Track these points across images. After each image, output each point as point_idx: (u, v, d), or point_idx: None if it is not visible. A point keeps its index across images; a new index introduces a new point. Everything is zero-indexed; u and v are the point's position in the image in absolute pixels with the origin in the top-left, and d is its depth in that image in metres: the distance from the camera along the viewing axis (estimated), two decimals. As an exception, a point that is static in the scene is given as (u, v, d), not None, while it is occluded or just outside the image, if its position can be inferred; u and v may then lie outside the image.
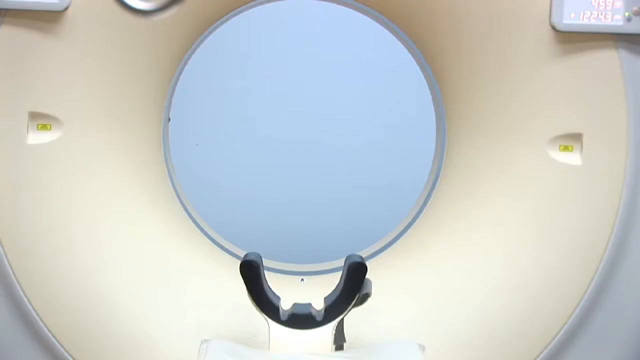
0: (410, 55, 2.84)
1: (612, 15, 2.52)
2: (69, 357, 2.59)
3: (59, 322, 2.58)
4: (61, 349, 2.59)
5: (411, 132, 3.85)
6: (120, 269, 2.63)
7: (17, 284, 2.57)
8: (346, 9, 2.82)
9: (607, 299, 2.59)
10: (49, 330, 2.58)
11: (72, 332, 2.58)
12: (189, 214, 2.84)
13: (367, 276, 2.50)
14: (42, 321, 2.57)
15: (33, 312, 2.57)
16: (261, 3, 2.77)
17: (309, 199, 4.20)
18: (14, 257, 2.56)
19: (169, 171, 2.81)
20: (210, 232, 2.87)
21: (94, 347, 2.59)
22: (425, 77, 2.83)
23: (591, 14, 2.52)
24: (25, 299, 2.57)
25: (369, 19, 2.82)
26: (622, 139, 2.56)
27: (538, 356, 2.60)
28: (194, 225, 2.83)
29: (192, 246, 2.76)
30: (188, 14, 2.60)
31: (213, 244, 2.83)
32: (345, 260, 2.53)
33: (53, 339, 2.58)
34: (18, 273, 2.57)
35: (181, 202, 2.83)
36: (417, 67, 2.85)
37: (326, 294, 2.52)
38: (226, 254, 2.81)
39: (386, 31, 2.83)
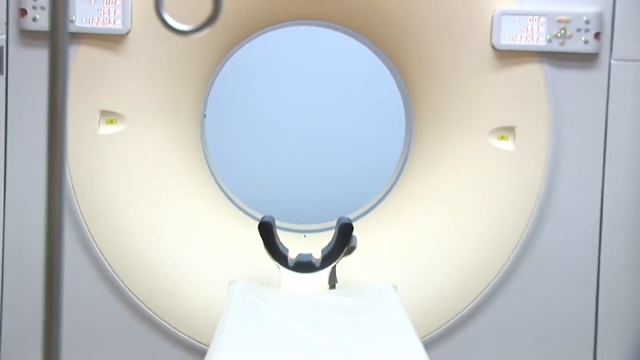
0: (385, 68, 2.84)
1: (537, 37, 2.52)
2: (131, 294, 2.60)
3: (123, 265, 2.60)
4: (122, 284, 2.60)
5: (386, 124, 3.86)
6: (167, 227, 2.64)
7: (90, 238, 2.59)
8: (333, 31, 2.82)
9: (533, 249, 2.60)
10: (114, 272, 2.60)
11: (133, 275, 2.61)
12: (220, 186, 2.83)
13: (353, 233, 2.51)
14: (110, 266, 2.59)
15: (103, 259, 2.59)
16: (270, 30, 2.76)
17: (311, 174, 4.17)
18: (89, 217, 2.59)
19: (205, 155, 2.79)
20: (235, 200, 2.86)
21: (149, 286, 2.61)
22: (396, 83, 2.84)
23: (521, 37, 2.53)
24: (97, 250, 2.59)
25: (350, 39, 2.84)
26: (544, 131, 2.56)
27: (484, 290, 2.61)
28: (223, 195, 2.82)
29: (221, 210, 2.76)
30: (217, 35, 2.60)
31: (237, 209, 2.83)
32: (337, 221, 2.55)
33: (117, 277, 2.60)
34: (92, 228, 2.59)
35: (214, 177, 2.82)
36: (391, 77, 2.85)
37: (323, 247, 2.53)
38: (247, 216, 2.80)
39: (367, 49, 2.83)
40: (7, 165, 2.59)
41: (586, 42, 2.54)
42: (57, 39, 1.15)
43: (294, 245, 2.60)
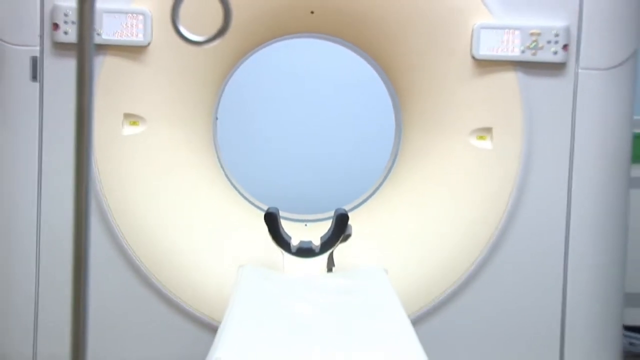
0: (378, 76, 2.83)
1: (512, 48, 2.53)
2: (152, 277, 2.61)
3: (144, 251, 2.61)
4: (143, 268, 2.60)
5: (378, 127, 3.84)
6: (183, 217, 2.64)
7: (115, 226, 2.59)
8: (332, 43, 2.82)
9: (509, 236, 2.60)
10: (137, 257, 2.61)
11: (153, 260, 2.61)
12: (230, 181, 2.82)
13: (349, 223, 2.52)
14: (133, 251, 2.60)
15: (126, 246, 2.60)
16: (274, 42, 2.77)
17: (311, 170, 4.20)
18: (114, 208, 2.59)
19: (216, 153, 2.79)
20: (243, 193, 2.85)
21: (168, 269, 2.61)
22: (387, 89, 2.83)
23: (498, 48, 2.53)
24: (121, 237, 2.60)
25: (348, 50, 2.83)
26: (518, 132, 2.57)
27: (466, 272, 2.62)
28: (232, 189, 2.81)
29: (231, 202, 2.76)
30: (227, 45, 2.60)
31: (246, 201, 2.82)
32: (334, 212, 2.56)
33: (138, 262, 2.61)
34: (116, 218, 2.59)
35: (224, 173, 2.81)
36: (383, 84, 2.85)
37: (322, 235, 2.54)
38: (255, 208, 2.80)
39: (363, 60, 2.83)
40: (42, 162, 2.60)
41: (555, 52, 2.54)
42: (84, 50, 1.15)
43: (296, 233, 2.60)
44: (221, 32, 1.18)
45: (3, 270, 2.63)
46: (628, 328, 3.32)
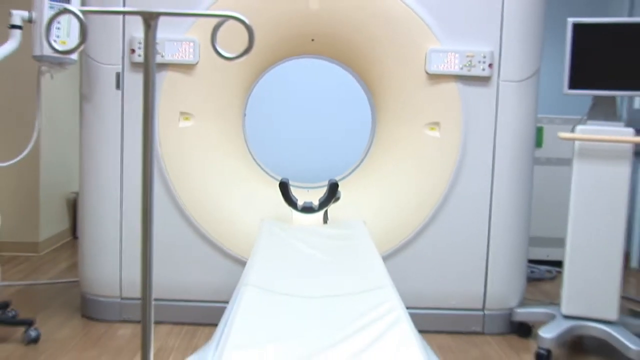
0: (359, 85, 2.81)
1: (454, 66, 2.52)
2: (200, 226, 2.59)
3: (195, 208, 2.59)
4: (193, 220, 2.59)
5: (358, 121, 3.82)
6: (221, 185, 2.62)
7: (174, 191, 2.57)
8: (327, 62, 2.78)
9: (451, 198, 2.59)
10: (189, 212, 2.59)
11: (201, 214, 2.59)
12: (254, 160, 2.80)
13: (339, 189, 2.53)
14: (187, 208, 2.58)
15: (182, 204, 2.58)
16: (286, 61, 2.74)
17: (312, 152, 4.22)
18: (174, 178, 2.57)
19: (245, 140, 2.77)
20: (264, 167, 2.83)
21: (211, 221, 2.59)
22: (366, 94, 2.79)
23: (444, 66, 2.52)
24: (178, 198, 2.58)
25: (339, 67, 2.80)
26: (458, 125, 2.56)
27: (421, 223, 2.60)
28: (256, 165, 2.79)
29: (255, 174, 2.74)
30: (251, 61, 2.59)
31: (265, 173, 2.80)
32: (328, 181, 2.57)
33: (190, 216, 2.59)
34: (175, 185, 2.57)
35: (250, 153, 2.79)
36: (363, 91, 2.82)
37: (319, 197, 2.54)
38: (272, 178, 2.78)
39: (347, 73, 2.80)
40: (123, 144, 2.60)
41: (484, 69, 2.54)
42: (148, 67, 1.14)
43: (301, 196, 2.61)
44: (246, 51, 1.16)
45: (99, 219, 2.63)
46: (530, 261, 3.35)
